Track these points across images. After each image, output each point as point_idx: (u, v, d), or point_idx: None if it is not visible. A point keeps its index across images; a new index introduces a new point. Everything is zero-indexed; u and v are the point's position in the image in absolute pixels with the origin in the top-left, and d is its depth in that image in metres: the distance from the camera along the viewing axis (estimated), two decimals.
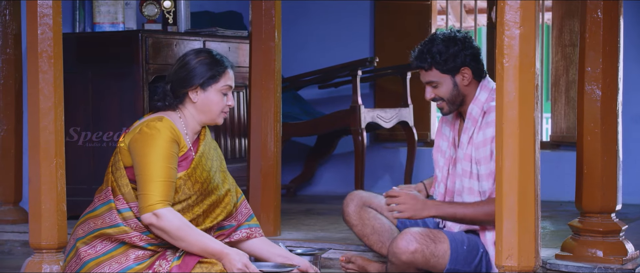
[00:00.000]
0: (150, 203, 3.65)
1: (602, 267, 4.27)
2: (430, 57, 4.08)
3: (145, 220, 3.67)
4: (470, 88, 4.13)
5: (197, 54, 3.87)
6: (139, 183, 3.69)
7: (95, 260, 3.69)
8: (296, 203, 7.01)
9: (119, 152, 3.80)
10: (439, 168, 4.28)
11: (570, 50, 7.12)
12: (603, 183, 4.36)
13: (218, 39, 6.26)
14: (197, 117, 3.87)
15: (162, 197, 3.66)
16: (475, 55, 4.13)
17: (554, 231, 5.44)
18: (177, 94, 3.85)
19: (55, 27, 4.43)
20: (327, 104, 7.64)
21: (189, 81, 3.83)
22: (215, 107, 3.86)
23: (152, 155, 3.68)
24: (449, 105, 4.14)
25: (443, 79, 4.11)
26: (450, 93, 4.11)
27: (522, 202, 3.56)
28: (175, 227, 3.68)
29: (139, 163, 3.69)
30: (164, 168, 3.68)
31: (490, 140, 4.00)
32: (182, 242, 3.69)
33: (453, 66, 4.08)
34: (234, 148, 6.40)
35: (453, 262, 3.97)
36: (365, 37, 7.64)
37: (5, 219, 5.66)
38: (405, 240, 3.94)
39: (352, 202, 4.39)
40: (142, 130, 3.73)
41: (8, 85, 5.67)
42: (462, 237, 4.03)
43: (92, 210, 3.81)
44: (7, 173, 5.68)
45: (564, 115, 7.21)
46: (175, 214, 3.69)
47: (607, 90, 4.35)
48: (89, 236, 3.76)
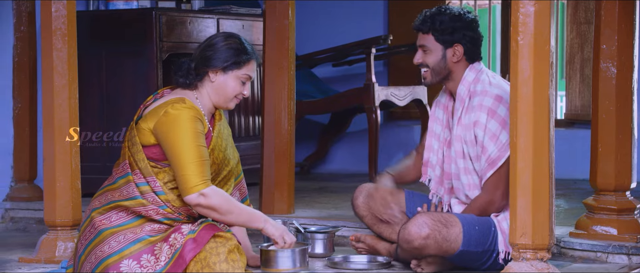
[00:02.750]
0: (193, 185, 3.70)
1: (617, 245, 4.27)
2: (431, 22, 4.13)
3: (192, 201, 3.72)
4: (459, 66, 4.14)
5: (227, 38, 3.90)
6: (176, 166, 3.73)
7: (110, 229, 3.72)
8: (310, 181, 7.01)
9: (137, 131, 3.81)
10: (434, 152, 4.29)
11: (586, 28, 7.09)
12: (618, 161, 4.35)
13: (232, 16, 6.25)
14: (212, 97, 3.90)
15: (203, 176, 3.72)
16: (474, 39, 4.14)
17: (568, 209, 5.43)
18: (199, 72, 3.88)
19: (69, 5, 4.44)
20: (341, 81, 7.62)
21: (212, 61, 3.86)
22: (230, 92, 3.89)
23: (183, 138, 3.72)
24: (432, 75, 4.16)
25: (435, 47, 4.13)
26: (437, 63, 4.13)
27: (536, 180, 3.56)
28: (224, 201, 3.76)
29: (172, 147, 3.73)
30: (197, 148, 3.73)
31: (473, 124, 4.00)
32: (230, 215, 3.78)
33: (448, 39, 4.11)
34: (247, 126, 6.40)
35: (465, 245, 3.96)
36: (379, 15, 7.61)
37: (20, 197, 5.68)
38: (416, 225, 3.93)
39: (361, 194, 4.41)
40: (168, 112, 3.75)
41: (22, 63, 5.68)
42: (473, 219, 4.02)
43: (111, 183, 3.84)
44: (21, 151, 5.70)
45: (578, 93, 7.18)
46: (218, 190, 3.77)
47: (623, 67, 4.34)
48: (104, 207, 3.78)
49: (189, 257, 3.62)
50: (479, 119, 4.00)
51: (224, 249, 3.66)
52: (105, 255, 3.67)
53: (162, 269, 3.63)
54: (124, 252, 3.67)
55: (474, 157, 4.05)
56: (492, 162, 3.98)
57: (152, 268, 3.64)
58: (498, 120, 3.98)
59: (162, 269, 3.63)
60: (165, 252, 3.66)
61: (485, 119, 3.99)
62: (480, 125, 4.00)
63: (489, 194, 4.03)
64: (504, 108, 3.98)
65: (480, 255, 4.02)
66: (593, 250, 4.30)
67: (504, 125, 3.97)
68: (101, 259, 3.67)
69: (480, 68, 4.15)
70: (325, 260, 4.36)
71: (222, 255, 3.65)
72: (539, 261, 3.60)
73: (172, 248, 3.66)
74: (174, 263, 3.63)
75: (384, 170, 4.46)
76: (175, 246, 3.66)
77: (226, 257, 3.65)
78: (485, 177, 4.01)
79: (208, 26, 6.07)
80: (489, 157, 3.98)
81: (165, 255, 3.65)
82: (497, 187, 4.01)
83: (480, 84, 4.08)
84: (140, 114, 3.88)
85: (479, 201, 4.07)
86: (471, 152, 4.05)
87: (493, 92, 4.04)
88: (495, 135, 3.98)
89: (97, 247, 3.70)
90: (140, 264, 3.64)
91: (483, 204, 4.05)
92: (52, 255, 4.43)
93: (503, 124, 3.97)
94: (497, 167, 3.98)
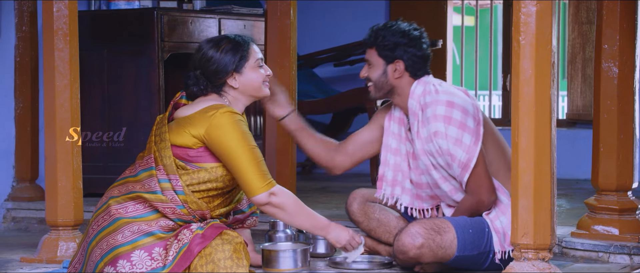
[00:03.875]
0: (261, 185, 3.78)
1: (618, 245, 4.26)
2: (374, 37, 4.14)
3: (262, 200, 3.79)
4: (402, 82, 4.12)
5: (218, 45, 3.91)
6: (237, 171, 3.79)
7: (125, 219, 3.75)
8: (311, 181, 7.01)
9: (170, 129, 3.84)
10: (389, 167, 4.27)
11: (587, 28, 7.09)
12: (619, 161, 4.35)
13: (233, 16, 6.25)
14: (243, 99, 3.97)
15: (267, 176, 3.81)
16: (417, 56, 4.10)
17: (569, 209, 5.43)
18: (215, 84, 3.93)
19: (70, 5, 4.44)
20: (342, 81, 7.62)
21: (223, 72, 3.90)
22: (257, 83, 3.95)
23: (239, 142, 3.78)
24: (375, 90, 4.17)
25: (377, 62, 4.14)
26: (378, 78, 4.13)
27: (538, 180, 3.56)
28: (293, 200, 3.85)
29: (229, 153, 3.78)
30: (253, 150, 3.81)
31: (433, 135, 3.97)
32: (299, 216, 3.87)
33: (389, 54, 4.11)
34: (249, 126, 6.40)
35: (461, 250, 3.95)
36: (381, 15, 7.61)
37: (22, 196, 5.68)
38: (410, 236, 3.91)
39: (355, 200, 4.40)
40: (218, 118, 3.79)
41: (24, 63, 5.68)
42: (466, 222, 4.00)
43: (133, 175, 3.85)
44: (23, 151, 5.70)
45: (580, 93, 7.18)
46: (285, 189, 3.85)
47: (624, 67, 4.34)
48: (124, 196, 3.80)
49: (196, 250, 3.65)
50: (437, 129, 3.96)
51: (229, 247, 3.67)
52: (117, 244, 3.69)
53: (171, 263, 3.66)
54: (138, 242, 3.69)
55: (445, 165, 4.01)
56: (464, 166, 3.96)
57: (163, 261, 3.67)
58: (456, 125, 3.96)
59: (170, 263, 3.66)
60: (174, 246, 3.70)
61: (443, 127, 3.95)
62: (440, 135, 3.95)
63: (474, 195, 4.01)
64: (458, 111, 3.97)
65: (476, 257, 4.00)
66: (595, 250, 4.30)
67: (463, 128, 3.95)
68: (113, 246, 3.69)
69: (428, 80, 4.13)
70: (326, 260, 4.36)
71: (227, 252, 3.67)
72: (541, 261, 3.60)
73: (180, 243, 3.69)
74: (182, 255, 3.66)
75: (299, 120, 4.37)
76: (183, 241, 3.69)
77: (231, 255, 3.67)
78: (464, 180, 3.98)
79: (209, 26, 6.07)
80: (460, 162, 3.96)
81: (174, 249, 3.69)
82: (480, 185, 3.99)
83: (429, 94, 4.04)
84: (171, 114, 3.93)
85: (466, 204, 4.04)
86: (440, 162, 4.01)
87: (442, 99, 4.00)
88: (458, 140, 3.95)
89: (110, 235, 3.72)
90: (151, 256, 3.67)
91: (472, 206, 4.03)
92: (53, 255, 4.43)
93: (462, 127, 3.95)
94: (471, 169, 3.95)
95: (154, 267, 3.66)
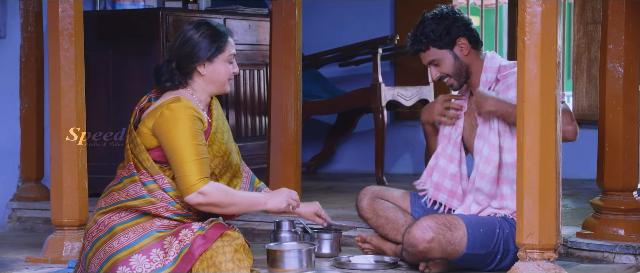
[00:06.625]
0: (191, 185, 3.72)
1: (624, 245, 4.26)
2: (424, 37, 4.13)
3: (192, 200, 3.74)
4: (471, 57, 4.14)
5: (198, 28, 3.91)
6: (174, 166, 3.75)
7: (122, 225, 3.74)
8: (317, 181, 7.01)
9: (138, 134, 3.83)
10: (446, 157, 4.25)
11: (593, 28, 7.08)
12: (625, 161, 4.34)
13: (238, 16, 6.25)
14: (206, 88, 3.93)
15: (200, 175, 3.73)
16: (467, 24, 4.15)
17: (575, 209, 5.43)
18: (185, 71, 3.90)
19: (76, 5, 4.45)
20: (347, 81, 7.62)
21: (196, 56, 3.88)
22: (223, 77, 3.93)
23: (180, 138, 3.74)
24: (456, 79, 4.16)
25: (443, 55, 4.13)
26: (454, 66, 4.13)
27: (543, 180, 3.56)
28: (222, 195, 3.78)
29: (169, 147, 3.75)
30: (194, 147, 3.74)
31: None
32: (233, 206, 3.81)
33: (449, 39, 4.11)
34: (254, 126, 6.40)
35: (470, 247, 3.95)
36: (386, 15, 7.61)
37: (27, 196, 5.69)
38: (421, 229, 3.92)
39: (365, 197, 4.41)
40: (164, 113, 3.77)
41: (29, 63, 5.69)
42: (478, 220, 4.01)
43: (116, 184, 3.85)
44: (28, 151, 5.71)
45: (585, 93, 7.18)
46: (216, 185, 3.78)
47: (630, 67, 4.33)
48: (111, 207, 3.79)
49: (198, 252, 3.64)
50: None
51: (230, 249, 3.67)
52: (114, 251, 3.69)
53: (172, 264, 3.65)
54: (134, 246, 3.69)
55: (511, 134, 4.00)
56: None
57: (162, 263, 3.66)
58: None
59: (171, 264, 3.65)
60: (175, 247, 3.69)
61: None
62: None
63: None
64: None
65: (484, 257, 4.00)
66: (600, 250, 4.29)
67: None
68: (110, 254, 3.69)
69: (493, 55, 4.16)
70: (331, 260, 4.36)
71: (229, 255, 3.66)
72: (546, 261, 3.60)
73: (181, 244, 3.68)
74: (183, 258, 3.65)
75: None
76: (185, 242, 3.68)
77: (232, 257, 3.66)
78: None
79: None
80: None
81: (174, 250, 3.68)
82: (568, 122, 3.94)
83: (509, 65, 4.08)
84: (137, 117, 3.90)
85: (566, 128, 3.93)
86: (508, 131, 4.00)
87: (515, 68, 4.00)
88: None
89: (107, 243, 3.72)
90: (149, 259, 3.67)
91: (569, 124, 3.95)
92: (59, 255, 4.43)
93: None
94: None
95: (153, 268, 3.65)
